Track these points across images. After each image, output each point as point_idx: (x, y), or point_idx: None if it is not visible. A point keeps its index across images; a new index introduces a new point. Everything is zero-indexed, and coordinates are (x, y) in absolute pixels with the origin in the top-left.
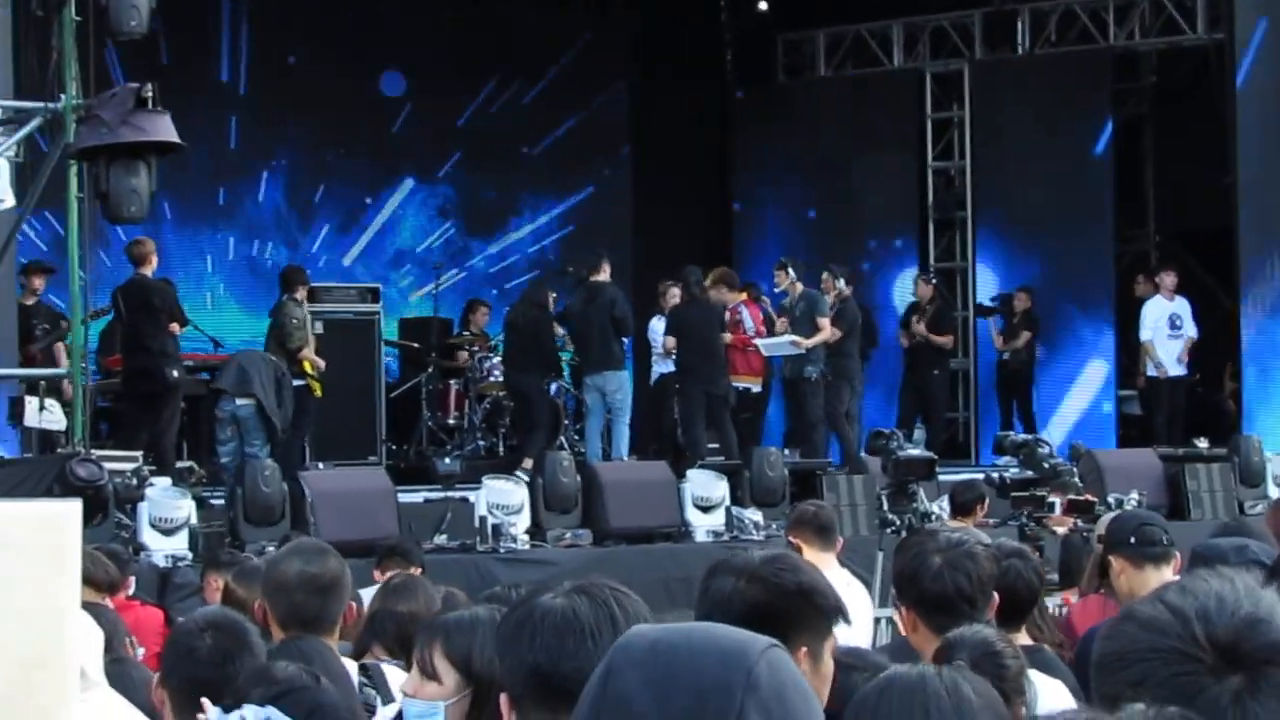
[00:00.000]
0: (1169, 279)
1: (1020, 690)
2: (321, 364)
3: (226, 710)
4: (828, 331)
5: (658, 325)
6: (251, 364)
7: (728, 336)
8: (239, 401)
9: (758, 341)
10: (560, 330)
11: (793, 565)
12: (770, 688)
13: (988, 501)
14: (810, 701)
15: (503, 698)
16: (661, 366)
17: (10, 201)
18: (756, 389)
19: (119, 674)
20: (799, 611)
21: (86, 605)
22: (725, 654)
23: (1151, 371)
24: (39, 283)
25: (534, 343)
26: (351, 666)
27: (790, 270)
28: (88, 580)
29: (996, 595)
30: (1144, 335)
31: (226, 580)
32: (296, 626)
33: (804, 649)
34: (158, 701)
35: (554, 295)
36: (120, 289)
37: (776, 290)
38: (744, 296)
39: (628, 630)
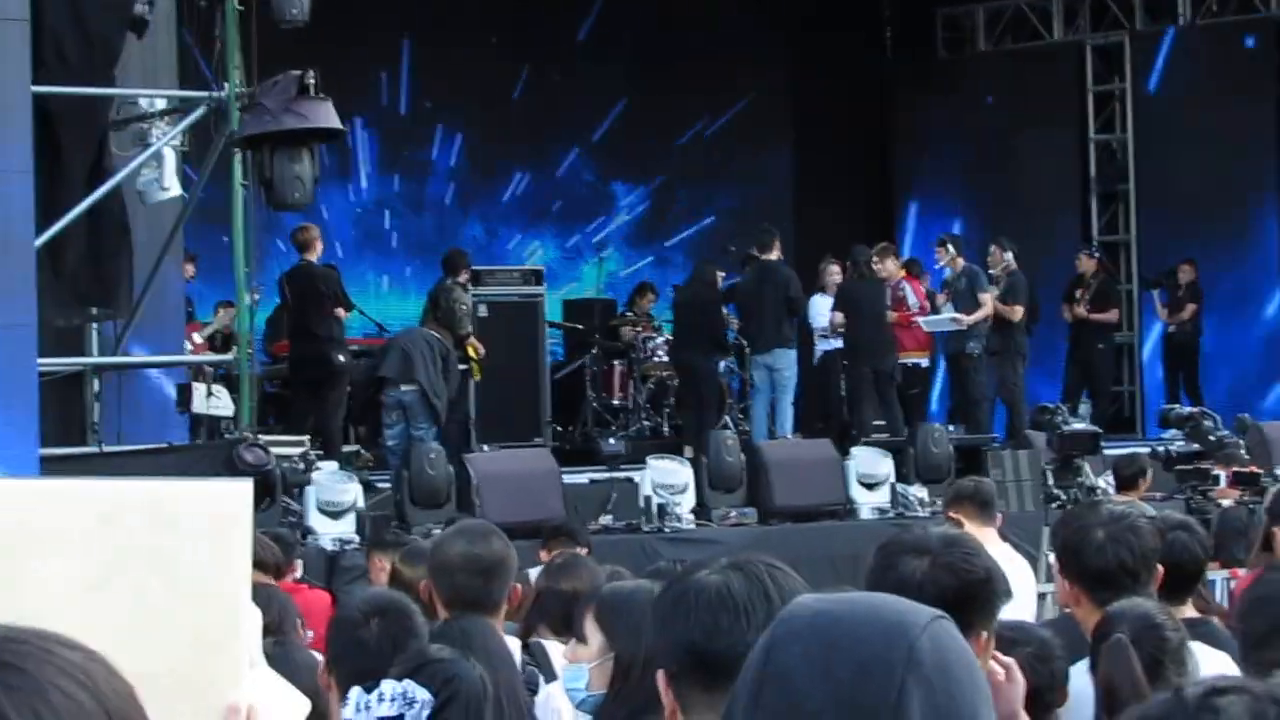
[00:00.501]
0: None
1: (1181, 661)
2: (483, 349)
3: (368, 690)
4: (990, 306)
5: (820, 303)
6: (415, 347)
7: (893, 314)
8: (404, 388)
9: (919, 319)
10: (726, 310)
11: (976, 549)
12: (933, 663)
13: (1150, 474)
14: (976, 675)
15: (659, 674)
16: (824, 345)
17: (177, 190)
18: (925, 364)
19: (282, 656)
20: (984, 598)
21: (256, 587)
22: (889, 627)
23: None
24: (189, 269)
25: (702, 321)
26: (516, 646)
27: (950, 246)
28: (256, 564)
29: (1161, 568)
30: None
31: (393, 561)
32: (460, 606)
33: (984, 634)
34: (325, 686)
35: (721, 274)
36: (286, 275)
37: (938, 266)
38: (905, 273)
39: (790, 602)
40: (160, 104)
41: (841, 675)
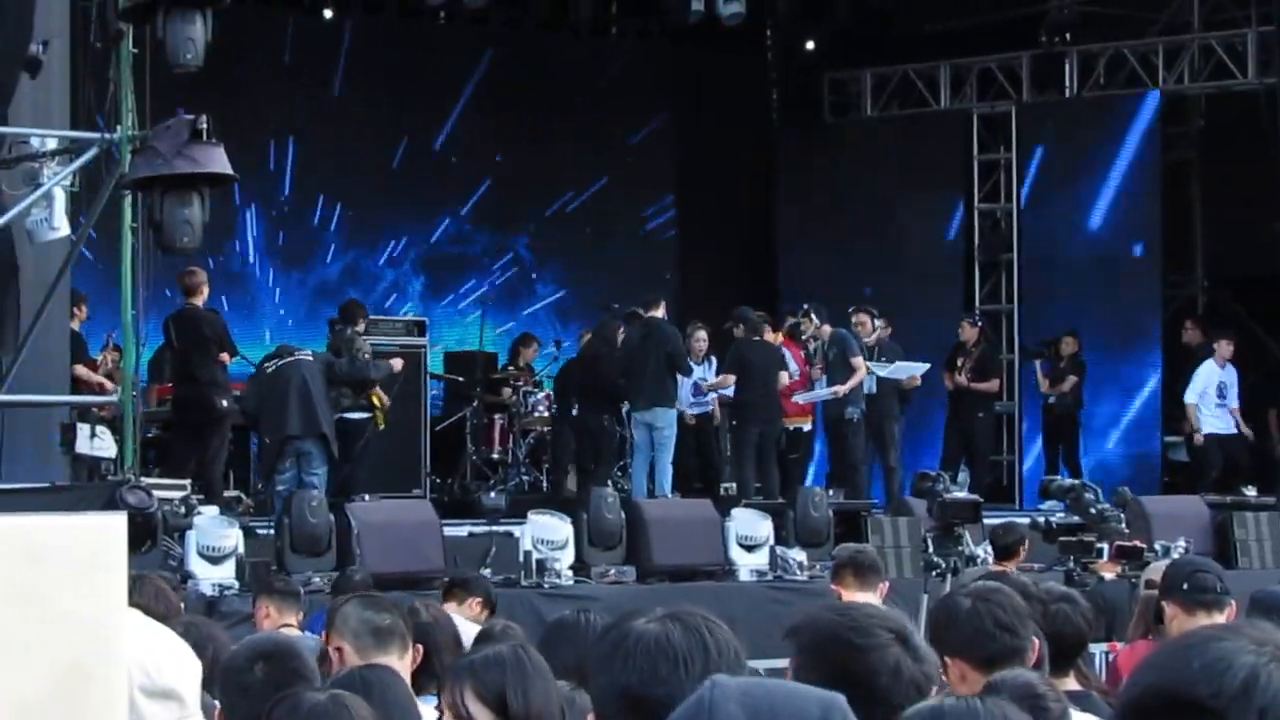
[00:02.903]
0: (1226, 348)
1: None
2: (388, 399)
3: None
4: (863, 371)
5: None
6: (317, 399)
7: (784, 378)
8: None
9: (796, 397)
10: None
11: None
12: None
13: (1028, 544)
14: None
15: (589, 717)
16: (696, 406)
17: (66, 230)
18: (806, 428)
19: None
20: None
21: (190, 627)
22: (822, 700)
23: (1203, 430)
24: (81, 311)
25: (600, 377)
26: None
27: (814, 315)
28: (148, 611)
29: (1039, 640)
30: (1189, 398)
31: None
32: (363, 657)
33: None
34: None
35: (621, 331)
36: (171, 318)
37: (802, 336)
38: (785, 338)
39: (725, 656)
40: (51, 144)
41: None
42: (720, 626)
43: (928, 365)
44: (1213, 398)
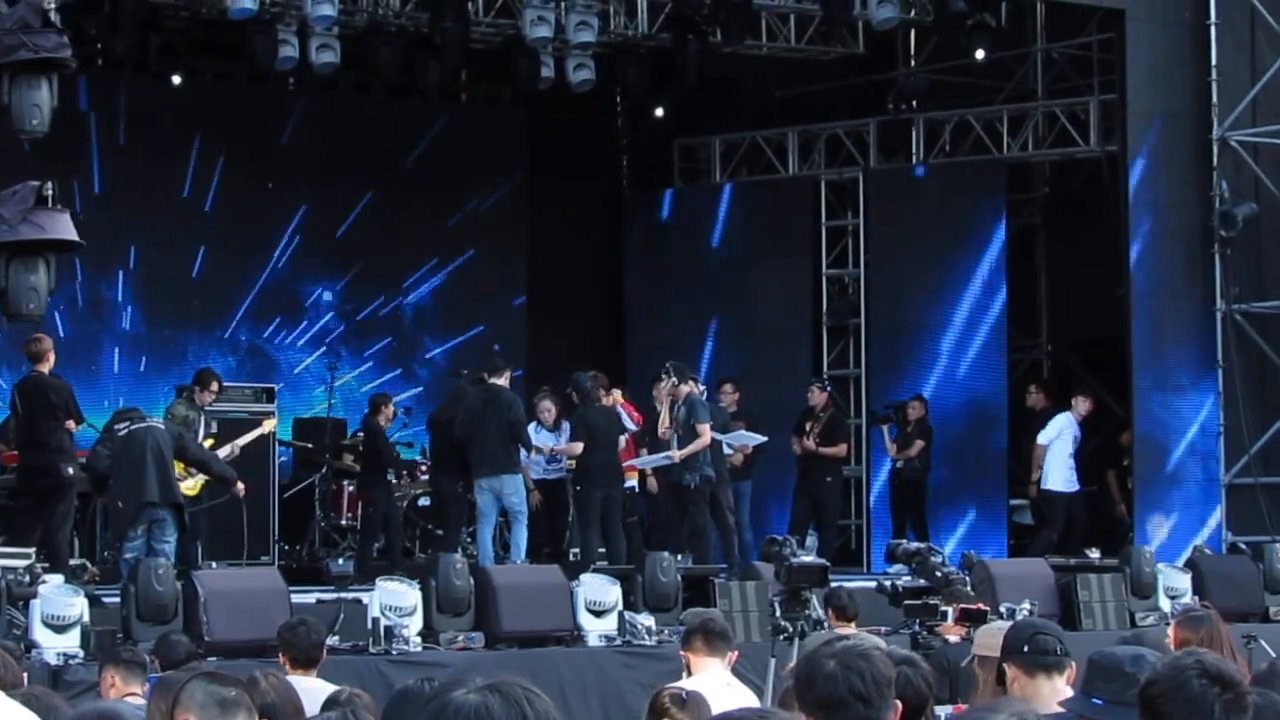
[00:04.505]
0: (1083, 404)
1: None
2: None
3: None
4: (707, 438)
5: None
6: (170, 468)
7: (623, 440)
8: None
9: (634, 462)
10: None
11: None
12: None
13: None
14: None
15: None
16: (552, 471)
17: None
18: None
19: None
20: None
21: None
22: None
23: (1046, 485)
24: None
25: (455, 443)
26: None
27: (673, 375)
28: None
29: (899, 706)
30: (1041, 439)
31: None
32: None
33: None
34: None
35: None
36: (17, 385)
37: (654, 395)
38: (622, 399)
39: None
40: None
41: None
42: (540, 698)
43: (765, 439)
44: (1067, 446)
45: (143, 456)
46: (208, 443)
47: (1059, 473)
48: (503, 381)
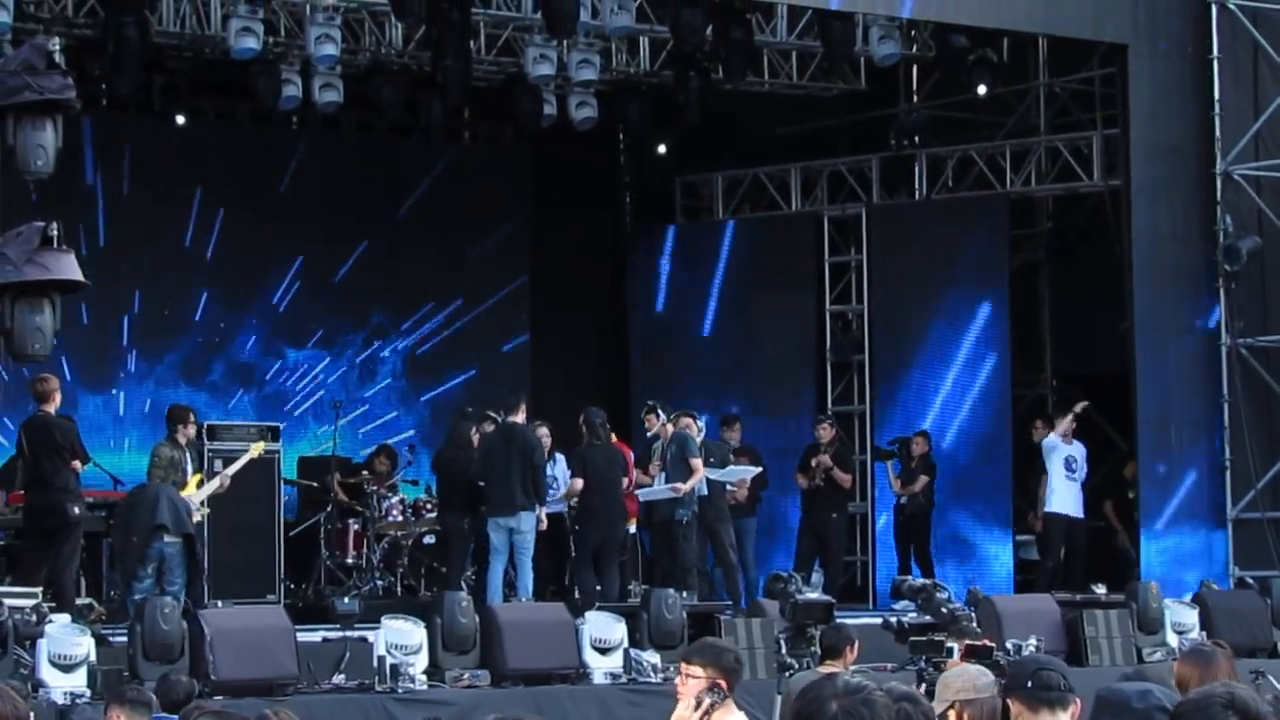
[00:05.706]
0: (1064, 423)
1: None
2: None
3: None
4: (701, 473)
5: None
6: (179, 504)
7: (625, 481)
8: (167, 540)
9: (637, 493)
10: None
11: None
12: None
13: (857, 645)
14: None
15: None
16: (551, 506)
17: None
18: (632, 530)
19: None
20: None
21: None
22: None
23: (1049, 508)
24: None
25: (458, 481)
26: None
27: (660, 413)
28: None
29: None
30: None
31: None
32: None
33: None
34: None
35: (476, 434)
36: (23, 425)
37: (647, 434)
38: (616, 438)
39: None
40: None
41: None
42: None
43: (760, 469)
44: (1062, 470)
45: (153, 498)
46: (195, 478)
47: (1056, 494)
48: (519, 419)
